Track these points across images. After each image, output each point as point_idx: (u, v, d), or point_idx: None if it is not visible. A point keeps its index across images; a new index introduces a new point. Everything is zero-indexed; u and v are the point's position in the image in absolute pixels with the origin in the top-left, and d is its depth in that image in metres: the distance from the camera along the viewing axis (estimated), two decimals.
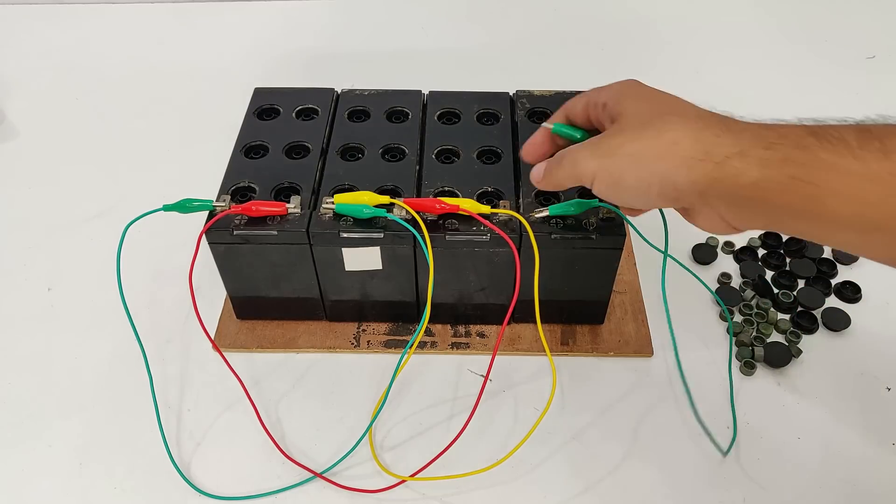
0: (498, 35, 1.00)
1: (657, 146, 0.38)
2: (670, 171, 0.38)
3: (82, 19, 1.01)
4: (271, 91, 0.66)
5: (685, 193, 0.38)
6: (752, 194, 0.36)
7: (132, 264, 0.58)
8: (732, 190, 0.37)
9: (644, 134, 0.39)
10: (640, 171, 0.39)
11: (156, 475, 0.53)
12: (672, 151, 0.38)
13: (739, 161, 0.36)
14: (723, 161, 0.36)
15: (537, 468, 0.53)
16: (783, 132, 0.36)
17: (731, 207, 0.38)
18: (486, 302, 0.60)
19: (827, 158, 0.33)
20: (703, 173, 0.37)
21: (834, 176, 0.33)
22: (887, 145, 0.32)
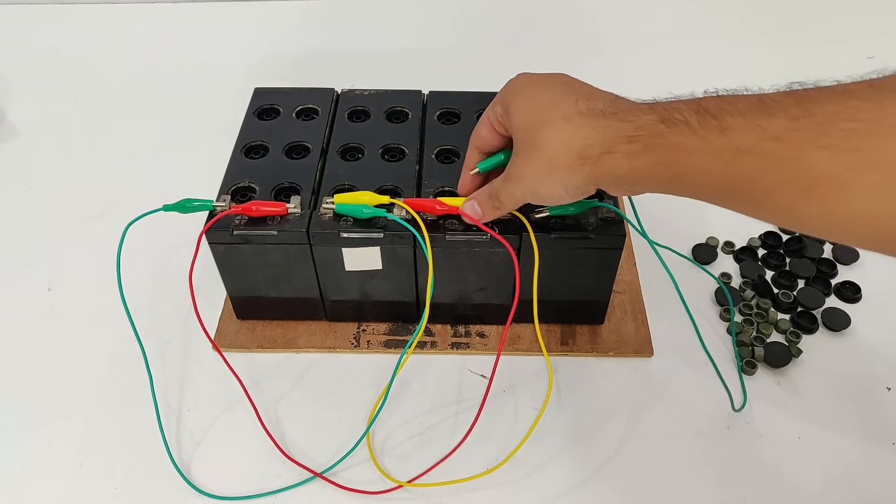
0: (498, 35, 1.00)
1: (544, 164, 0.44)
2: (564, 178, 0.43)
3: (82, 19, 1.01)
4: (271, 91, 0.66)
5: (587, 186, 0.44)
6: (630, 179, 0.41)
7: (132, 264, 0.58)
8: (614, 179, 0.42)
9: (531, 156, 0.44)
10: (546, 186, 0.45)
11: (156, 475, 0.53)
12: (556, 165, 0.43)
13: (610, 158, 0.41)
14: (597, 159, 0.42)
15: (537, 469, 0.53)
16: (639, 123, 0.40)
17: (621, 188, 0.45)
18: (485, 302, 0.60)
19: (677, 142, 0.38)
20: (586, 172, 0.42)
21: (685, 156, 0.38)
22: (723, 123, 0.36)
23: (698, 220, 0.71)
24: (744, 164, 0.35)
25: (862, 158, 0.32)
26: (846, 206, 0.33)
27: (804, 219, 0.35)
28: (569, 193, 0.45)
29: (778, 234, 0.70)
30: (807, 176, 0.33)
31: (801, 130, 0.33)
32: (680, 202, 0.74)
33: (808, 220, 0.35)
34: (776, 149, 0.34)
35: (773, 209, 0.36)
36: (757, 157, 0.35)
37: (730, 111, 0.36)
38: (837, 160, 0.32)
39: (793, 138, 0.34)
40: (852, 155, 0.32)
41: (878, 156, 0.31)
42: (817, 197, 0.33)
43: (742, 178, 0.36)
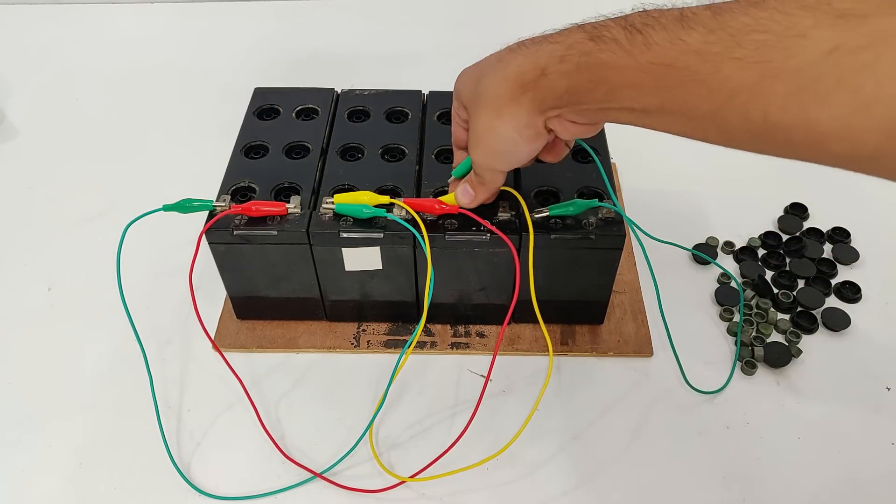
0: (498, 35, 0.99)
1: (490, 110, 0.44)
2: (511, 116, 0.44)
3: (82, 19, 1.01)
4: (271, 91, 0.66)
5: (533, 121, 0.44)
6: (569, 98, 0.42)
7: (132, 264, 0.58)
8: (555, 101, 0.42)
9: (479, 111, 0.45)
10: (498, 135, 0.45)
11: (156, 475, 0.53)
12: (500, 103, 0.43)
13: (546, 80, 0.41)
14: (535, 83, 0.42)
15: (538, 468, 0.53)
16: (569, 43, 0.41)
17: (564, 111, 0.43)
18: (485, 302, 0.60)
19: (607, 59, 0.39)
20: (528, 100, 0.43)
21: (616, 73, 0.39)
22: (647, 38, 0.37)
23: (698, 220, 0.71)
24: (669, 78, 0.36)
25: (771, 69, 0.33)
26: (763, 115, 0.34)
27: (728, 129, 0.36)
28: (521, 135, 0.44)
29: (778, 234, 0.70)
30: (725, 87, 0.34)
31: (716, 43, 0.34)
32: (680, 202, 0.74)
33: (732, 130, 0.36)
34: (696, 62, 0.35)
35: (699, 122, 0.37)
36: (680, 71, 0.36)
37: (654, 26, 0.37)
38: (750, 71, 0.33)
39: (710, 51, 0.35)
40: (762, 66, 0.33)
41: (784, 66, 0.32)
42: (736, 107, 0.34)
43: (669, 92, 0.37)
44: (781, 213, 0.72)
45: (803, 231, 0.71)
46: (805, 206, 0.72)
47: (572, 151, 0.60)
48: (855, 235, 0.70)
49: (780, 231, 0.70)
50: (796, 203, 0.73)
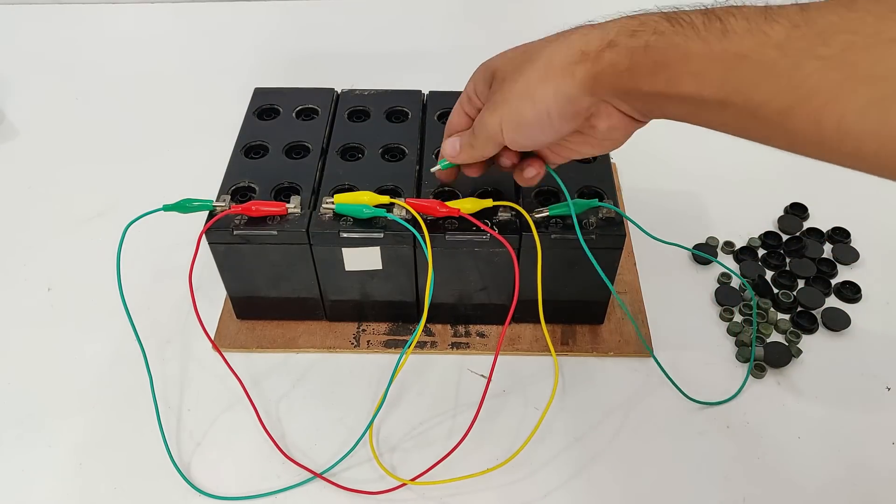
0: (498, 35, 0.99)
1: (536, 73, 0.41)
2: (557, 86, 0.41)
3: (82, 19, 1.01)
4: (271, 91, 0.66)
5: (578, 99, 0.41)
6: (629, 79, 0.39)
7: (132, 264, 0.58)
8: (613, 80, 0.39)
9: (522, 71, 0.42)
10: (534, 102, 0.42)
11: (156, 475, 0.53)
12: (551, 69, 0.41)
13: (611, 52, 0.39)
14: (597, 55, 0.39)
15: (538, 469, 0.53)
16: (643, 20, 0.39)
17: (618, 97, 0.41)
18: (486, 302, 0.60)
19: (679, 42, 0.36)
20: (584, 72, 0.40)
21: (684, 58, 0.36)
22: (727, 25, 0.35)
23: (698, 220, 0.71)
24: (742, 69, 0.35)
25: (856, 72, 0.31)
26: (837, 120, 0.32)
27: (795, 132, 0.34)
28: (558, 109, 0.41)
29: (778, 234, 0.70)
30: (802, 86, 0.33)
31: (801, 39, 0.33)
32: (680, 202, 0.74)
33: (799, 133, 0.34)
34: (775, 56, 0.33)
35: (764, 122, 0.35)
36: (755, 64, 0.34)
37: (735, 15, 0.35)
38: (833, 72, 0.32)
39: (792, 46, 0.33)
40: (847, 68, 0.31)
41: (872, 71, 0.31)
42: (810, 109, 0.33)
43: (737, 85, 0.35)
44: (781, 213, 0.72)
45: (803, 231, 0.71)
46: (805, 206, 0.72)
47: None
48: (855, 235, 0.70)
49: (780, 231, 0.70)
50: (796, 203, 0.73)
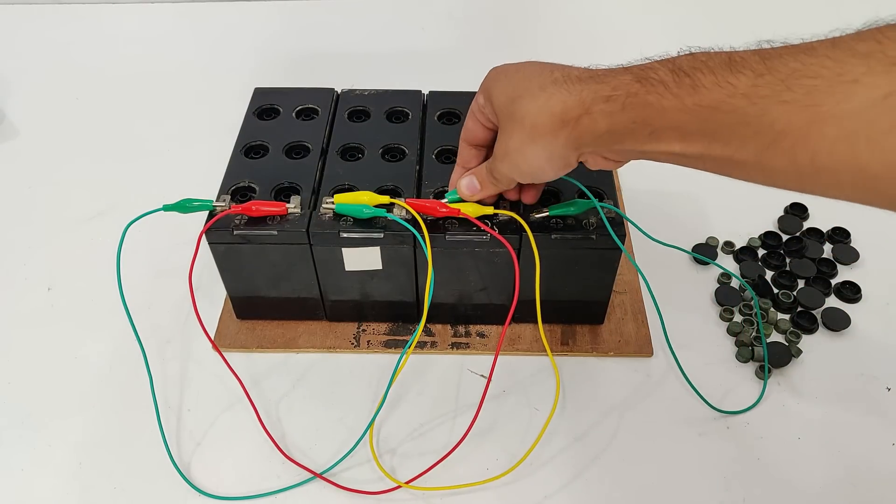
0: (498, 35, 1.00)
1: (525, 134, 0.45)
2: (546, 145, 0.44)
3: (82, 19, 1.01)
4: (271, 91, 0.66)
5: (567, 155, 0.45)
6: (609, 138, 0.42)
7: (132, 264, 0.58)
8: (594, 139, 0.43)
9: (513, 129, 0.45)
10: (529, 157, 0.45)
11: (156, 475, 0.53)
12: (536, 132, 0.44)
13: (588, 119, 0.42)
14: (576, 121, 0.42)
15: (538, 468, 0.53)
16: (615, 84, 0.41)
17: (601, 149, 0.44)
18: (486, 302, 0.60)
19: (653, 101, 0.39)
20: (566, 135, 0.43)
21: (660, 114, 0.39)
22: (695, 80, 0.37)
23: (698, 220, 0.71)
24: (715, 120, 0.37)
25: (821, 113, 0.33)
26: (810, 158, 0.34)
27: (773, 171, 0.36)
28: (551, 164, 0.45)
29: (778, 234, 0.70)
30: (772, 130, 0.35)
31: (765, 87, 0.35)
32: (680, 202, 0.74)
33: (777, 172, 0.36)
34: (743, 105, 0.35)
35: (743, 165, 0.38)
36: (726, 114, 0.36)
37: (702, 69, 0.37)
38: (799, 115, 0.34)
39: (758, 94, 0.35)
40: (812, 110, 0.33)
41: (836, 110, 0.32)
42: (783, 150, 0.35)
43: (713, 135, 0.37)
44: (781, 213, 0.72)
45: (803, 231, 0.71)
46: (805, 206, 0.72)
47: None
48: (855, 235, 0.70)
49: (780, 231, 0.70)
50: (796, 203, 0.73)
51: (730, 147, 0.37)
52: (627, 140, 0.41)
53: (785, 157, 0.35)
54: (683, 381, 0.58)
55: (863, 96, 0.32)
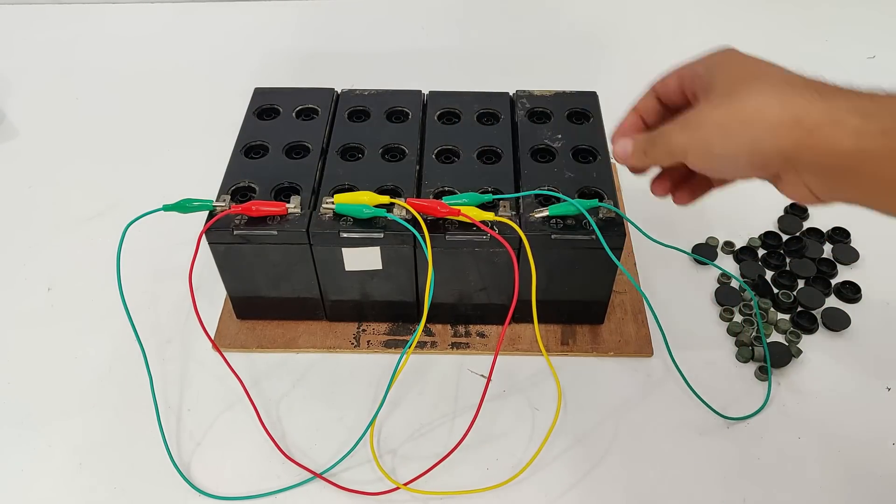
0: (498, 35, 1.00)
1: (742, 114, 0.38)
2: (757, 138, 0.37)
3: (82, 19, 1.01)
4: (271, 91, 0.66)
5: (772, 160, 0.38)
6: (844, 164, 0.35)
7: (132, 264, 0.58)
8: (823, 159, 0.36)
9: (730, 102, 0.39)
10: (728, 141, 0.39)
11: (156, 475, 0.53)
12: (758, 119, 0.37)
13: (832, 129, 0.35)
14: (814, 129, 0.36)
15: (537, 469, 0.53)
16: (881, 102, 0.35)
17: (819, 177, 0.37)
18: (486, 302, 0.60)
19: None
20: (791, 140, 0.36)
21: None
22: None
23: (698, 220, 0.71)
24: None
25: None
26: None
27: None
28: (748, 159, 0.38)
29: (778, 234, 0.70)
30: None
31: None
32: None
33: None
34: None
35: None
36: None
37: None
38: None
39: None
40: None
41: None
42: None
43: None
44: (781, 213, 0.72)
45: (803, 231, 0.71)
46: (805, 206, 0.72)
47: (572, 151, 0.60)
48: (855, 235, 0.70)
49: (780, 231, 0.70)
50: (796, 203, 0.73)
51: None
52: (871, 176, 0.34)
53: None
54: (683, 381, 0.58)
55: None
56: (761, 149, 0.38)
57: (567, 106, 0.64)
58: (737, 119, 0.38)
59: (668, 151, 0.42)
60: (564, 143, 0.60)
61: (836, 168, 0.36)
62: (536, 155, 0.60)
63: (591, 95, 0.65)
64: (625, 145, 0.46)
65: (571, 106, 0.64)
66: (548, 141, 0.60)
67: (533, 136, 0.61)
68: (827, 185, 0.37)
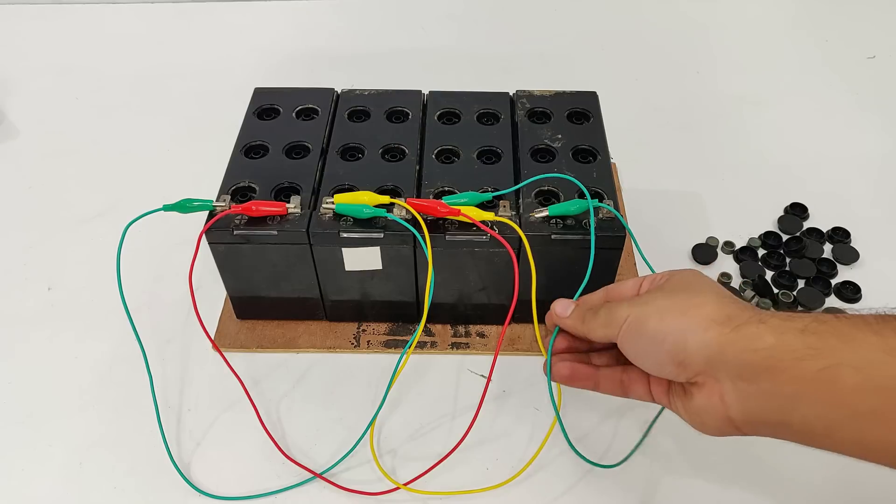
0: (498, 35, 1.00)
1: (683, 305, 0.40)
2: (687, 327, 0.39)
3: (82, 19, 1.01)
4: (271, 91, 0.66)
5: (693, 356, 0.38)
6: (763, 361, 0.36)
7: (132, 264, 0.58)
8: (743, 355, 0.36)
9: (676, 295, 0.41)
10: (661, 322, 0.40)
11: (156, 475, 0.53)
12: (695, 311, 0.39)
13: (757, 326, 0.37)
14: (740, 325, 0.37)
15: (538, 470, 0.53)
16: (804, 313, 0.37)
17: (737, 382, 0.37)
18: (486, 302, 0.60)
19: (846, 331, 0.34)
20: (717, 334, 0.37)
21: (851, 347, 0.33)
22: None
23: (698, 220, 0.71)
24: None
25: None
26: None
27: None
28: (672, 349, 0.39)
29: (778, 234, 0.70)
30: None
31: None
32: (680, 202, 0.74)
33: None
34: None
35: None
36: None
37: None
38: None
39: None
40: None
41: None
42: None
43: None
44: (781, 213, 0.72)
45: (803, 231, 0.71)
46: (805, 206, 0.72)
47: (572, 151, 0.60)
48: (855, 235, 0.70)
49: (780, 231, 0.70)
50: (796, 203, 0.73)
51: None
52: (788, 376, 0.35)
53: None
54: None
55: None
56: (685, 340, 0.38)
57: (567, 106, 0.64)
58: (677, 308, 0.40)
59: (608, 322, 0.43)
60: (564, 143, 0.60)
61: (754, 367, 0.36)
62: (536, 155, 0.60)
63: (591, 95, 0.65)
64: (566, 307, 0.47)
65: (571, 106, 0.64)
66: (548, 141, 0.60)
67: (533, 136, 0.61)
68: (743, 390, 0.37)
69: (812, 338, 0.35)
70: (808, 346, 0.34)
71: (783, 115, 0.85)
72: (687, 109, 0.86)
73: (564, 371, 0.47)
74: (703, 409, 0.40)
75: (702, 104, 0.87)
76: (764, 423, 0.38)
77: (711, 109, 0.86)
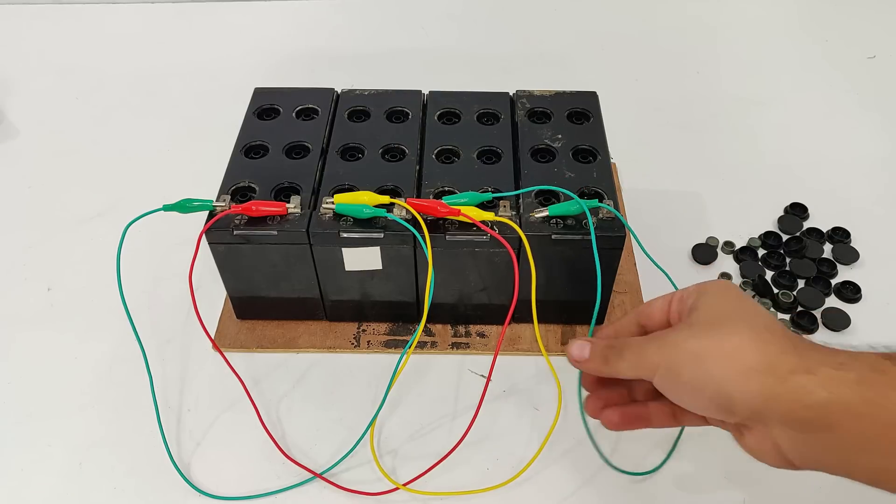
0: (498, 35, 1.00)
1: (719, 349, 0.37)
2: (727, 378, 0.36)
3: (82, 19, 1.01)
4: (271, 91, 0.66)
5: (738, 406, 0.36)
6: (817, 418, 0.34)
7: (132, 264, 0.58)
8: (794, 410, 0.34)
9: (709, 334, 0.38)
10: (697, 371, 0.37)
11: (156, 475, 0.53)
12: (732, 358, 0.36)
13: (806, 378, 0.34)
14: (786, 376, 0.34)
15: (538, 470, 0.53)
16: (855, 355, 0.34)
17: (789, 431, 0.35)
18: (486, 302, 0.60)
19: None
20: (761, 386, 0.35)
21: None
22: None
23: (698, 220, 0.71)
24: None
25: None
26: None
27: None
28: (713, 400, 0.37)
29: (778, 234, 0.70)
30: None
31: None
32: (680, 202, 0.74)
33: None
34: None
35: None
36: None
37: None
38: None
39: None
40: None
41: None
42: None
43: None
44: (781, 213, 0.72)
45: (803, 231, 0.71)
46: (805, 206, 0.72)
47: (573, 151, 0.60)
48: (855, 235, 0.70)
49: (780, 231, 0.70)
50: (796, 203, 0.73)
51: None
52: (847, 431, 0.33)
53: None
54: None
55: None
56: (728, 390, 0.36)
57: (567, 106, 0.64)
58: (712, 353, 0.37)
59: (636, 364, 0.40)
60: (564, 143, 0.60)
61: (808, 422, 0.34)
62: (536, 155, 0.60)
63: (591, 95, 0.65)
64: (582, 348, 0.44)
65: (571, 106, 0.64)
66: (548, 141, 0.60)
67: (533, 136, 0.61)
68: (797, 441, 0.35)
69: (870, 392, 0.32)
70: (866, 401, 0.32)
71: (783, 115, 0.85)
72: (687, 109, 0.86)
73: (614, 418, 0.45)
74: (756, 450, 0.38)
75: (702, 104, 0.87)
76: (824, 467, 0.36)
77: (711, 109, 0.86)
